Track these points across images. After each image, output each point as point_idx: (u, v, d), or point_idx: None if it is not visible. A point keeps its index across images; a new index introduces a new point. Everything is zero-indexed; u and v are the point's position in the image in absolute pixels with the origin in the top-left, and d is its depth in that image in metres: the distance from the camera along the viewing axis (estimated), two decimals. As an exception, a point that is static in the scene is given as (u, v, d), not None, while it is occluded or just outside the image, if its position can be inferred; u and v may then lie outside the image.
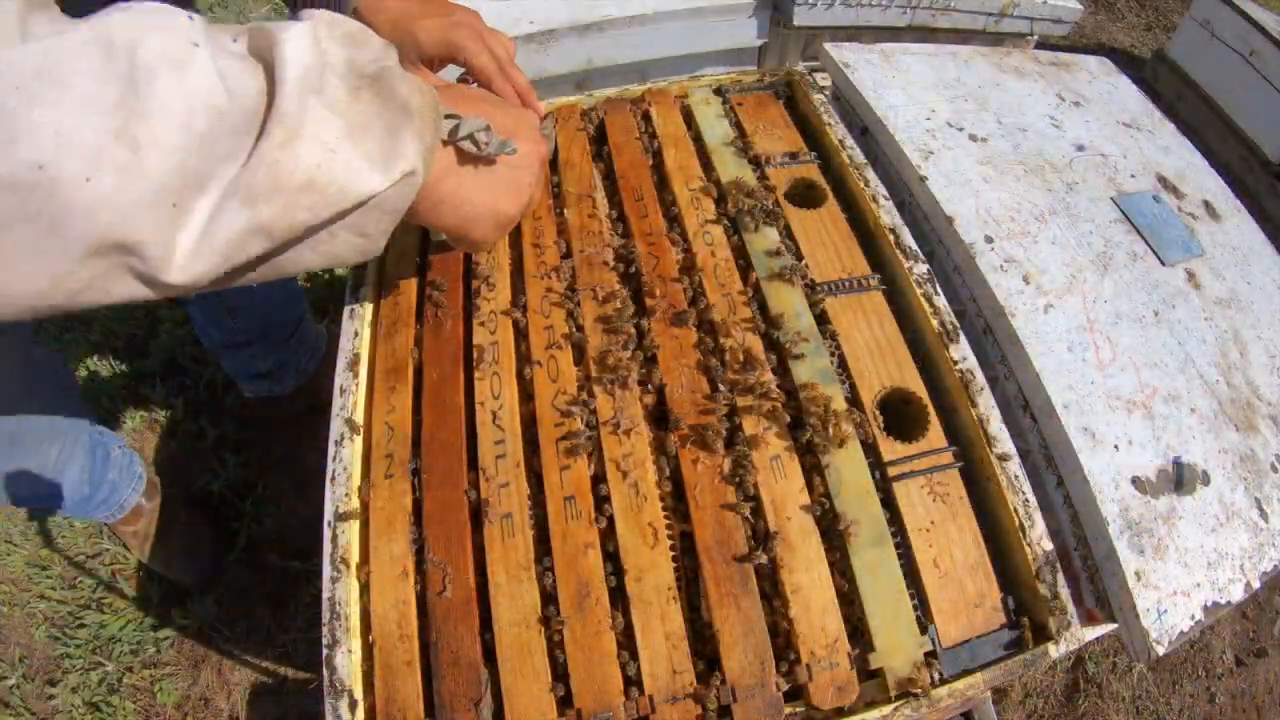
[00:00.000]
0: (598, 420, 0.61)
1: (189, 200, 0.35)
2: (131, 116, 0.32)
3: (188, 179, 0.34)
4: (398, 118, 0.42)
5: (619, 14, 1.03)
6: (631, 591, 0.54)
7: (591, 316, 0.67)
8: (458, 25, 0.73)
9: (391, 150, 0.42)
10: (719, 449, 0.59)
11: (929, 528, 0.57)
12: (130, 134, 0.32)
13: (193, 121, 0.34)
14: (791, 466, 0.59)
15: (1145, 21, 2.57)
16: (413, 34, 0.72)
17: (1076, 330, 0.68)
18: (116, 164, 0.31)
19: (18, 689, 1.11)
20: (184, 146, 0.34)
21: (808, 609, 0.54)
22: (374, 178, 0.41)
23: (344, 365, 0.67)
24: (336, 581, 0.56)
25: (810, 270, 0.70)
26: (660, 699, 0.51)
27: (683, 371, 0.64)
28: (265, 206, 0.37)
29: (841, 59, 0.89)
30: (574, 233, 0.74)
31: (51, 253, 0.31)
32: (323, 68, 0.40)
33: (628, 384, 0.63)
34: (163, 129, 0.33)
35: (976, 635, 0.55)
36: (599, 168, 0.81)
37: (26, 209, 0.30)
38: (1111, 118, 0.92)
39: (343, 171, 0.39)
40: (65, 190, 0.30)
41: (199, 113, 0.34)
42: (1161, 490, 0.61)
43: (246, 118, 0.36)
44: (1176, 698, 1.19)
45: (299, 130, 0.37)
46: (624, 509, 0.57)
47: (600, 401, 0.62)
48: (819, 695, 0.52)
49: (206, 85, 0.35)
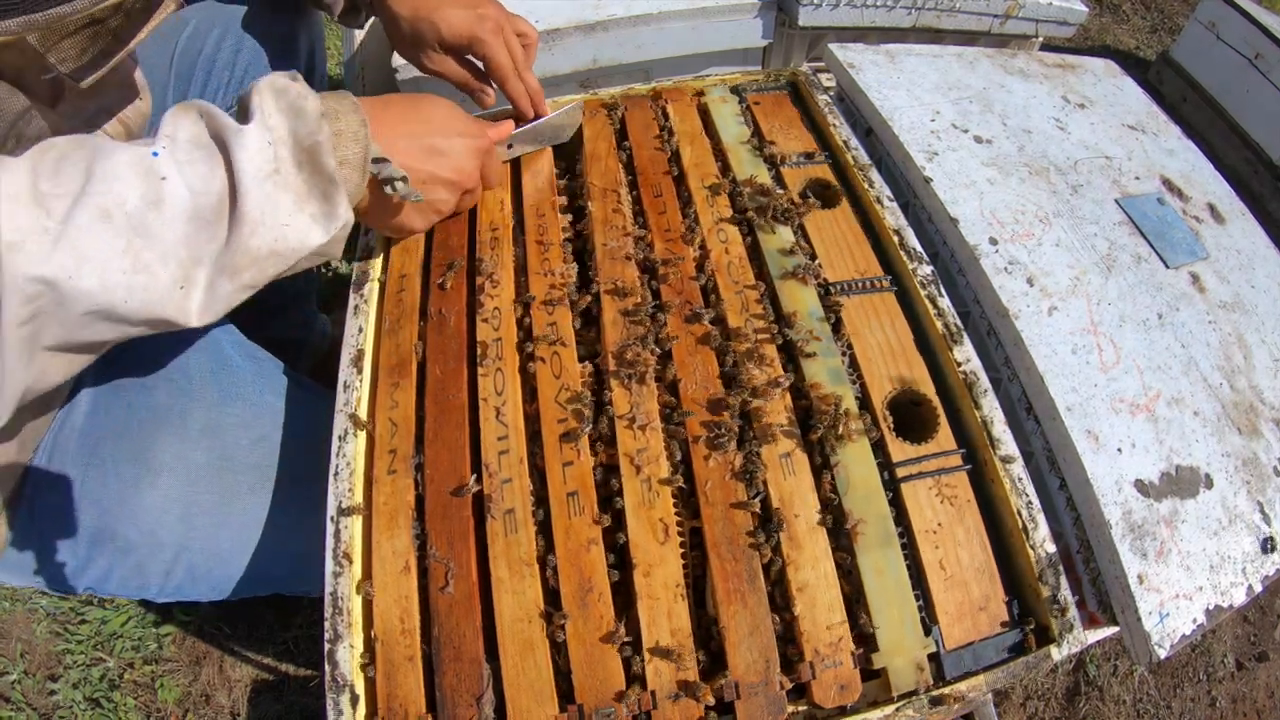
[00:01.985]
0: (613, 414, 0.61)
1: (191, 276, 0.49)
2: (138, 253, 0.46)
3: (185, 267, 0.48)
4: (329, 186, 0.53)
5: (624, 14, 1.03)
6: (640, 587, 0.54)
7: (612, 310, 0.67)
8: (483, 19, 0.73)
9: (330, 211, 0.53)
10: (731, 446, 0.59)
11: (936, 529, 0.57)
12: (142, 262, 0.46)
13: (179, 231, 0.47)
14: (801, 464, 0.59)
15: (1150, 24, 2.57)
16: (434, 23, 0.72)
17: (1080, 333, 0.68)
18: (139, 285, 0.46)
19: (19, 684, 1.11)
20: (177, 250, 0.47)
21: (813, 607, 0.54)
22: (318, 233, 0.53)
23: (348, 361, 0.67)
24: (339, 576, 0.56)
25: (824, 270, 0.70)
26: (663, 695, 0.51)
27: (697, 368, 0.64)
28: (246, 274, 0.51)
29: (846, 60, 0.89)
30: (598, 226, 0.74)
31: (117, 332, 0.49)
32: (273, 149, 0.50)
33: (645, 379, 0.63)
34: (160, 251, 0.47)
35: (980, 638, 0.55)
36: (622, 160, 0.81)
37: (100, 320, 0.47)
38: (1116, 120, 0.92)
39: (296, 236, 0.52)
40: (120, 309, 0.46)
41: (182, 222, 0.47)
42: (1164, 493, 0.61)
43: (216, 210, 0.48)
44: (1177, 701, 1.19)
45: (261, 220, 0.50)
46: (636, 504, 0.57)
47: (617, 395, 0.62)
48: (821, 693, 0.52)
49: (182, 203, 0.47)
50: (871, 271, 0.71)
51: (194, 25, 0.78)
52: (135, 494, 0.65)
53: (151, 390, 0.68)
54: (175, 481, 0.67)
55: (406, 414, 0.63)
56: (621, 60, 1.08)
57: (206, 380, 0.71)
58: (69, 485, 0.65)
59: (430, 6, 0.73)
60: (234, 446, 0.70)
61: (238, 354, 0.76)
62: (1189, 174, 0.88)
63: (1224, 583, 0.59)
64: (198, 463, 0.68)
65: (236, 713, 1.12)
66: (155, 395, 0.68)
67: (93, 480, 0.65)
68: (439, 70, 0.78)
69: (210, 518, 0.68)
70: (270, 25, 0.81)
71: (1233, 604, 0.59)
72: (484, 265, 0.71)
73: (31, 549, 0.65)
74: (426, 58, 0.77)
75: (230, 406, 0.71)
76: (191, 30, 0.78)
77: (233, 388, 0.72)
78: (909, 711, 0.52)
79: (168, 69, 0.77)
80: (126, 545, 0.66)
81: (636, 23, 1.04)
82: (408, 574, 0.56)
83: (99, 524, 0.65)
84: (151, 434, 0.67)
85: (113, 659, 1.14)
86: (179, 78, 0.77)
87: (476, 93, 0.80)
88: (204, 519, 0.68)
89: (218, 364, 0.73)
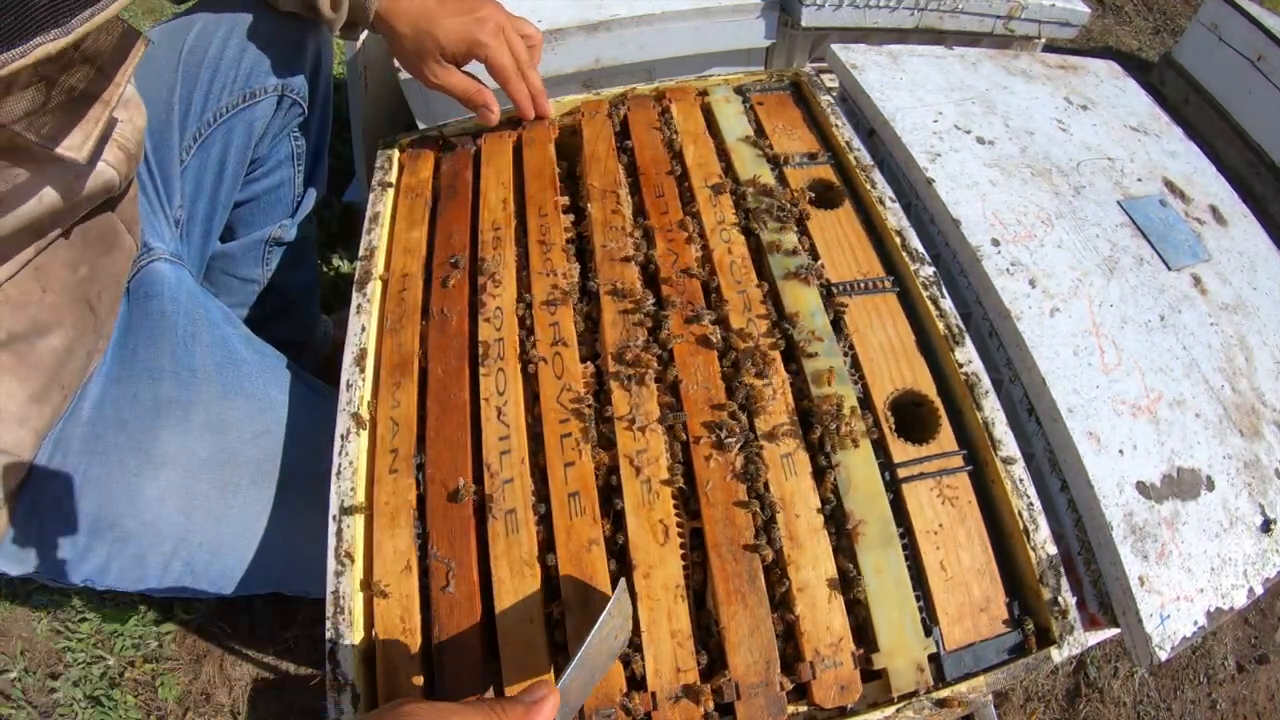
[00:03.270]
0: (612, 415, 0.61)
1: None
2: None
3: None
4: None
5: (627, 14, 1.03)
6: (640, 588, 0.54)
7: (611, 311, 0.67)
8: (482, 21, 0.74)
9: None
10: (732, 446, 0.59)
11: (937, 530, 0.57)
12: None
13: None
14: (802, 465, 0.59)
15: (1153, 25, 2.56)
16: (434, 35, 0.73)
17: (1082, 334, 0.68)
18: None
19: (19, 682, 1.11)
20: None
21: (813, 607, 0.54)
22: None
23: (350, 360, 0.67)
24: (340, 576, 0.56)
25: (826, 270, 0.70)
26: (664, 696, 0.51)
27: (698, 368, 0.64)
28: None
29: (849, 60, 0.89)
30: (597, 227, 0.74)
31: None
32: None
33: (645, 380, 0.63)
34: None
35: (981, 639, 0.55)
36: (623, 162, 0.81)
37: None
38: (1118, 121, 0.92)
39: None
40: None
41: None
42: (1166, 495, 0.61)
43: None
44: (1178, 703, 1.19)
45: None
46: (636, 505, 0.57)
47: (616, 396, 0.62)
48: (822, 694, 0.52)
49: None
50: (874, 272, 0.71)
51: (201, 25, 0.78)
52: (137, 484, 0.66)
53: (157, 383, 0.69)
54: (177, 473, 0.67)
55: (408, 413, 0.63)
56: (624, 60, 1.08)
57: (211, 374, 0.71)
58: (71, 475, 0.65)
59: (429, 18, 0.73)
60: (236, 440, 0.70)
61: (244, 348, 0.76)
62: (1191, 175, 0.88)
63: (1225, 585, 0.59)
64: (200, 456, 0.68)
65: (237, 711, 1.12)
66: (161, 388, 0.69)
67: (95, 470, 0.65)
68: (442, 84, 0.78)
69: (210, 511, 0.68)
70: (277, 27, 0.81)
71: (1233, 606, 0.59)
72: (486, 265, 0.71)
73: (31, 538, 0.65)
74: (430, 72, 0.77)
75: (234, 400, 0.71)
76: (199, 30, 0.78)
77: (237, 382, 0.72)
78: (909, 713, 0.52)
79: (174, 69, 0.77)
80: (125, 535, 0.66)
81: (639, 23, 1.04)
82: (409, 573, 0.56)
83: (99, 514, 0.65)
84: (155, 426, 0.67)
85: (113, 657, 1.14)
86: (185, 78, 0.78)
87: (480, 108, 0.80)
88: (204, 512, 0.68)
89: (223, 357, 0.73)
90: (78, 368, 0.67)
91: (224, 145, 0.84)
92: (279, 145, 0.91)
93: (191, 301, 0.76)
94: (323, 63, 0.90)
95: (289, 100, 0.86)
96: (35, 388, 0.62)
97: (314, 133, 0.95)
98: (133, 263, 0.74)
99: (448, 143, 0.85)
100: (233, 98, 0.81)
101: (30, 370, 0.62)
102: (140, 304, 0.73)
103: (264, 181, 0.94)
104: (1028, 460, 0.62)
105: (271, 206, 0.97)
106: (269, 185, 0.94)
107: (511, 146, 0.83)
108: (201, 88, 0.79)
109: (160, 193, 0.81)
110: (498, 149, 0.82)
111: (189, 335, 0.72)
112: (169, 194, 0.81)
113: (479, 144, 0.83)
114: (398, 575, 0.56)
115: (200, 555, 0.69)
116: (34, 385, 0.62)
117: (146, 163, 0.78)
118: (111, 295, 0.69)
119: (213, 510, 0.68)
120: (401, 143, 0.86)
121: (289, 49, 0.83)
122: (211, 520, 0.68)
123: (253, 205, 0.95)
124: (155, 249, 0.77)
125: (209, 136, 0.82)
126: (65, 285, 0.63)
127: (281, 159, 0.93)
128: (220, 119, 0.82)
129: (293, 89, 0.85)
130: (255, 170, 0.92)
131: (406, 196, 0.80)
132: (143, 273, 0.75)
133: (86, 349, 0.67)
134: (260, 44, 0.81)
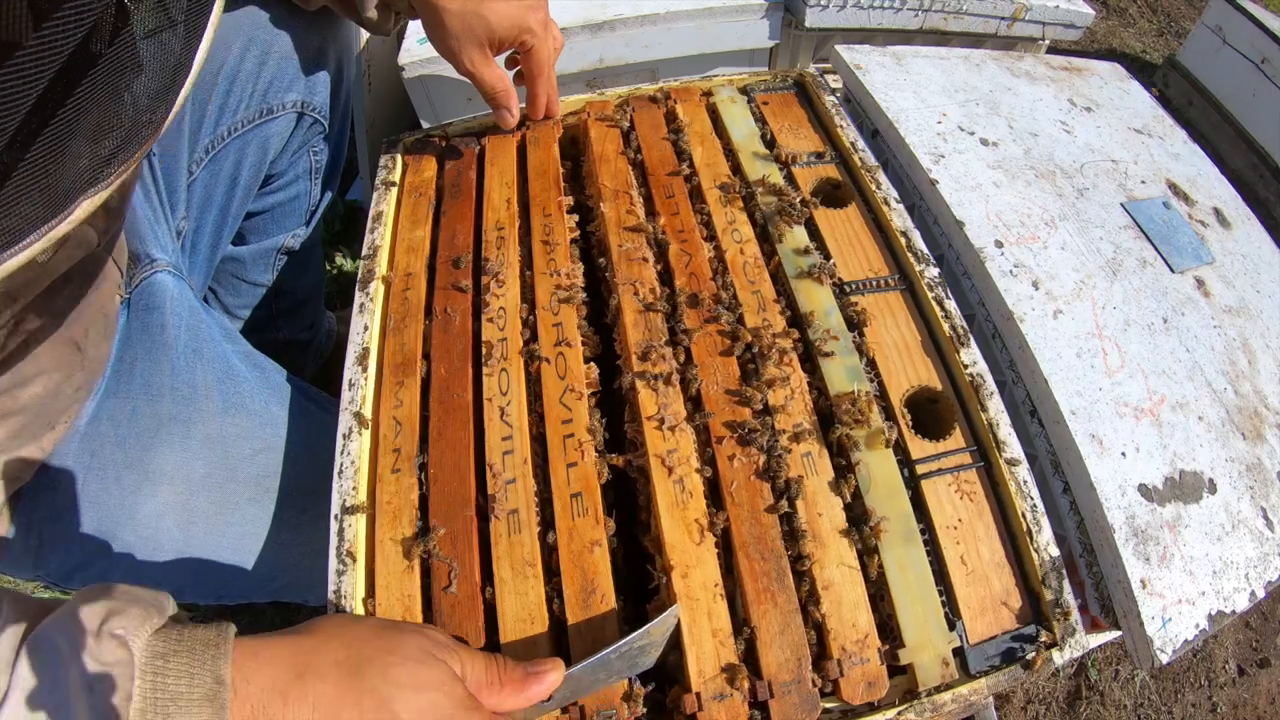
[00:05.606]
0: (640, 415, 0.61)
1: None
2: None
3: None
4: None
5: (632, 13, 1.03)
6: (678, 588, 0.54)
7: (632, 311, 0.68)
8: (534, 9, 0.72)
9: None
10: (754, 445, 0.60)
11: (956, 525, 0.58)
12: None
13: None
14: (823, 463, 0.59)
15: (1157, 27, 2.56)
16: (484, 16, 0.71)
17: (1085, 336, 0.68)
18: None
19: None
20: None
21: (839, 605, 0.54)
22: None
23: (353, 359, 0.67)
24: (342, 575, 0.56)
25: (838, 269, 0.70)
26: (708, 696, 0.51)
27: (717, 368, 0.64)
28: None
29: (853, 61, 0.89)
30: (611, 227, 0.74)
31: None
32: None
33: (670, 380, 0.63)
34: None
35: (1003, 632, 0.55)
36: (631, 163, 0.81)
37: None
38: (1122, 123, 0.92)
39: None
40: None
41: None
42: (1168, 498, 0.61)
43: None
44: (1178, 706, 1.18)
45: None
46: (669, 505, 0.57)
47: (643, 396, 0.62)
48: (850, 690, 0.52)
49: None
50: (883, 271, 0.71)
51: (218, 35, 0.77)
52: (135, 501, 0.65)
53: (157, 399, 0.68)
54: (175, 491, 0.66)
55: (411, 413, 0.64)
56: (628, 60, 1.08)
57: (211, 390, 0.70)
58: (70, 487, 0.64)
59: (477, 1, 0.70)
60: (236, 457, 0.69)
61: (244, 364, 0.75)
62: (1195, 178, 0.88)
63: (1227, 588, 0.59)
64: (198, 473, 0.67)
65: (238, 708, 1.12)
66: (160, 404, 0.68)
67: (93, 484, 0.64)
68: (477, 73, 0.74)
69: (209, 527, 0.68)
70: (297, 36, 0.79)
71: (1235, 609, 0.59)
72: (490, 265, 0.71)
73: (32, 545, 0.65)
74: (469, 57, 0.73)
75: (233, 417, 0.70)
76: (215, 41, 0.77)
77: (237, 398, 0.71)
78: (911, 715, 0.52)
79: None
80: (125, 548, 0.66)
81: (644, 22, 1.04)
82: (411, 573, 0.56)
83: (98, 526, 0.65)
84: (153, 443, 0.66)
85: (115, 654, 1.14)
86: (199, 89, 0.75)
87: (501, 109, 0.78)
88: (203, 528, 0.68)
89: (223, 374, 0.72)
90: (63, 406, 0.64)
91: (237, 160, 0.81)
92: (298, 160, 0.89)
93: (193, 316, 0.74)
94: (344, 74, 0.87)
95: (309, 119, 0.84)
96: (15, 427, 0.60)
97: (333, 143, 0.92)
98: (134, 273, 0.72)
99: (451, 142, 0.85)
100: (249, 112, 0.79)
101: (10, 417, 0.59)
102: (140, 315, 0.72)
103: (279, 194, 0.92)
104: (1030, 462, 0.62)
105: (285, 217, 0.95)
106: (284, 198, 0.92)
107: (515, 146, 0.83)
108: (216, 99, 0.77)
109: (164, 203, 0.78)
110: (501, 148, 0.82)
111: (190, 350, 0.71)
112: (173, 205, 0.79)
113: (482, 143, 0.83)
114: (400, 575, 0.56)
115: (199, 568, 0.68)
116: (13, 425, 0.60)
117: (152, 171, 0.76)
118: (100, 328, 0.67)
119: (211, 526, 0.68)
120: (405, 142, 0.86)
121: (310, 61, 0.80)
122: (210, 535, 0.68)
123: (266, 216, 0.94)
124: (158, 260, 0.75)
125: (222, 150, 0.80)
126: (46, 334, 0.60)
127: (300, 173, 0.91)
128: (235, 133, 0.79)
129: (313, 107, 0.83)
130: (271, 183, 0.89)
131: (410, 195, 0.80)
132: (144, 284, 0.73)
133: (74, 386, 0.64)
134: (281, 55, 0.78)
